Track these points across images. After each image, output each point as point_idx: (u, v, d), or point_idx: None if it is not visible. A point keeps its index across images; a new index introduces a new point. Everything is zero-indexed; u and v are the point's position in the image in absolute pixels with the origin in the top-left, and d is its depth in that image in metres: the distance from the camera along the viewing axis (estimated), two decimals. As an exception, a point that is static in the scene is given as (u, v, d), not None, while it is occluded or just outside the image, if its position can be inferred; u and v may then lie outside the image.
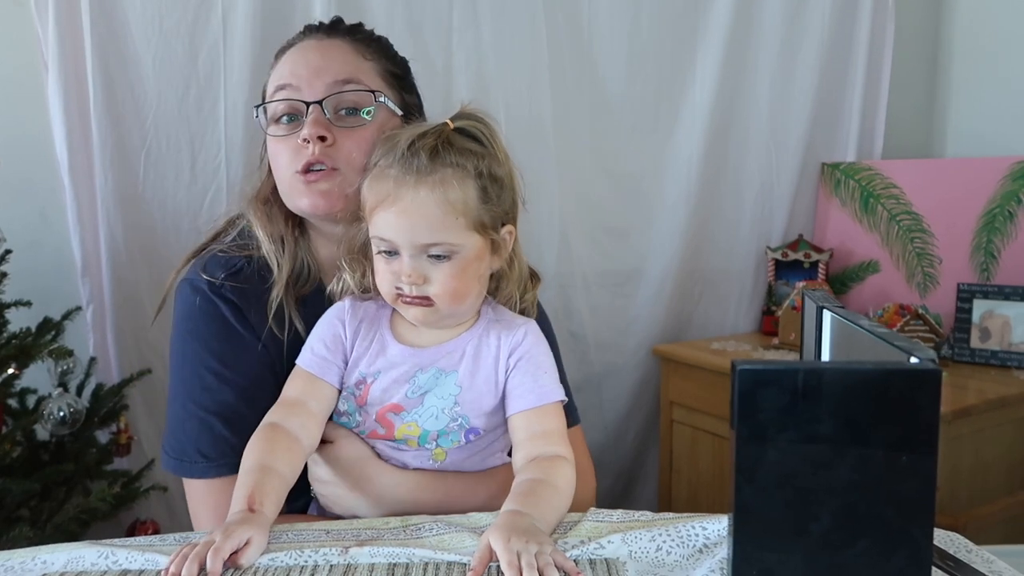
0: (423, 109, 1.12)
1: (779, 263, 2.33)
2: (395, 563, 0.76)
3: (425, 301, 0.90)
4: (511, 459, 0.93)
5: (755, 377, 0.61)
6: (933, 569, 0.64)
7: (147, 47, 1.81)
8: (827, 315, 0.84)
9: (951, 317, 2.08)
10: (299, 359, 0.96)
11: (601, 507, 0.86)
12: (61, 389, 1.68)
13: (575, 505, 0.88)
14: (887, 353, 0.67)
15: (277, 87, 1.03)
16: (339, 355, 0.95)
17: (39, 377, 1.72)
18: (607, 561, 0.76)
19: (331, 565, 0.75)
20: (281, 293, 1.00)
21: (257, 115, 1.05)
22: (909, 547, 0.61)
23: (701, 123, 2.24)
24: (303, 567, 0.75)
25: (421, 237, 0.88)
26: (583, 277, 2.24)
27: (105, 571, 0.76)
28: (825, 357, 0.84)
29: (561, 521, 0.84)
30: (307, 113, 0.99)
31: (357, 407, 0.95)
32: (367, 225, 0.93)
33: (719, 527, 0.78)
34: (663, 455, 2.26)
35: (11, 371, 1.57)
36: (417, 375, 0.93)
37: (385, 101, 1.03)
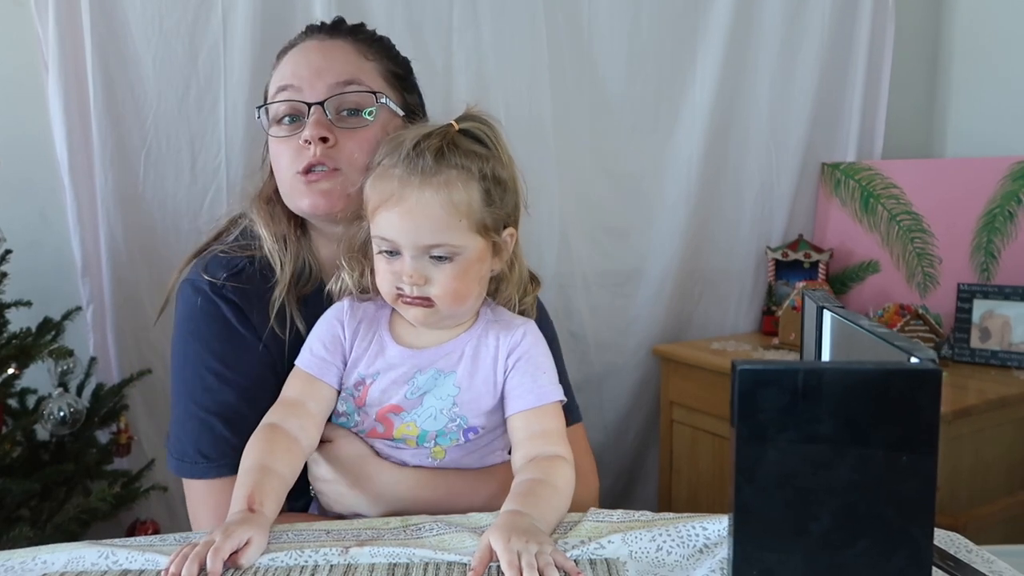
0: (425, 109, 1.12)
1: (779, 263, 2.33)
2: (395, 563, 0.76)
3: (426, 302, 0.90)
4: (511, 457, 0.94)
5: (755, 377, 0.61)
6: (933, 569, 0.64)
7: (147, 47, 1.81)
8: (827, 315, 0.84)
9: (951, 317, 2.08)
10: (298, 360, 0.96)
11: (601, 507, 0.86)
12: (61, 389, 1.68)
13: (577, 504, 0.88)
14: (887, 353, 0.67)
15: (279, 88, 1.03)
16: (338, 356, 0.96)
17: (39, 377, 1.72)
18: (607, 561, 0.76)
19: (331, 565, 0.75)
20: (283, 293, 1.00)
21: (259, 116, 1.06)
22: (909, 547, 0.61)
23: (701, 123, 2.24)
24: (303, 567, 0.75)
25: (424, 238, 0.88)
26: (583, 277, 2.24)
27: (105, 571, 0.76)
28: (825, 357, 0.84)
29: (561, 521, 0.84)
30: (309, 114, 0.99)
31: (356, 408, 0.95)
32: (368, 224, 0.93)
33: (719, 527, 0.78)
34: (663, 455, 2.26)
35: (11, 371, 1.57)
36: (416, 376, 0.93)
37: (386, 102, 1.03)
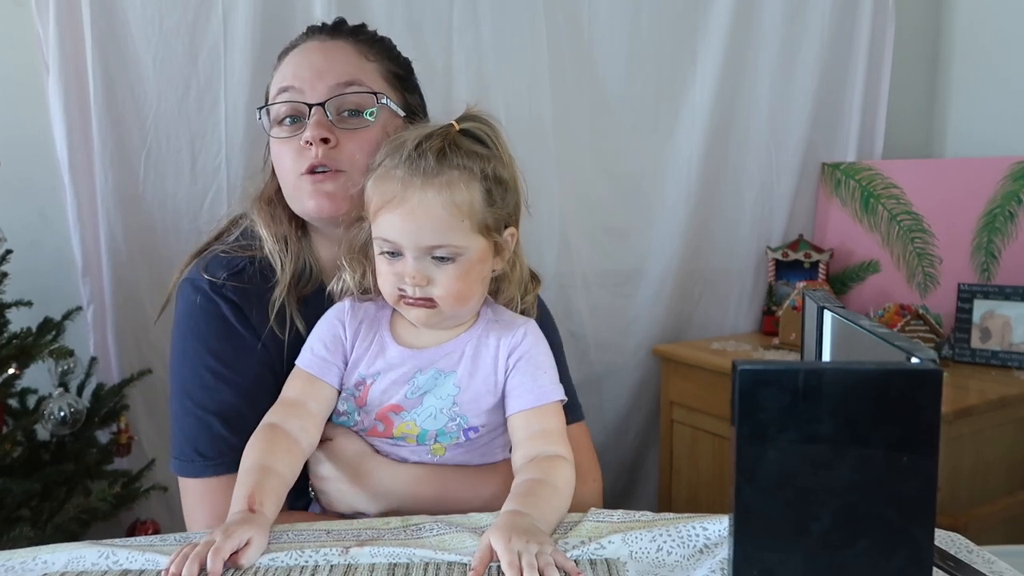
0: (426, 110, 1.12)
1: (779, 263, 2.33)
2: (395, 563, 0.76)
3: (428, 303, 0.90)
4: (511, 456, 0.94)
5: (756, 377, 0.61)
6: (934, 569, 0.64)
7: (147, 47, 1.81)
8: (827, 315, 0.84)
9: (951, 317, 2.08)
10: (299, 359, 0.96)
11: (603, 506, 0.86)
12: (61, 389, 1.68)
13: (580, 503, 0.88)
14: (888, 353, 0.67)
15: (280, 89, 1.03)
16: (339, 356, 0.96)
17: (39, 377, 1.72)
18: (607, 561, 0.76)
19: (331, 565, 0.75)
20: (284, 293, 1.00)
21: (260, 117, 1.05)
22: (910, 547, 0.61)
23: (701, 123, 2.24)
24: (303, 567, 0.75)
25: (426, 239, 0.88)
26: (583, 277, 2.24)
27: (105, 571, 0.76)
28: (825, 357, 0.84)
29: (561, 521, 0.84)
30: (310, 115, 0.99)
31: (356, 407, 0.95)
32: (369, 225, 0.93)
33: (719, 527, 0.78)
34: (663, 455, 2.26)
35: (12, 371, 1.57)
36: (416, 376, 0.93)
37: (387, 103, 1.03)
